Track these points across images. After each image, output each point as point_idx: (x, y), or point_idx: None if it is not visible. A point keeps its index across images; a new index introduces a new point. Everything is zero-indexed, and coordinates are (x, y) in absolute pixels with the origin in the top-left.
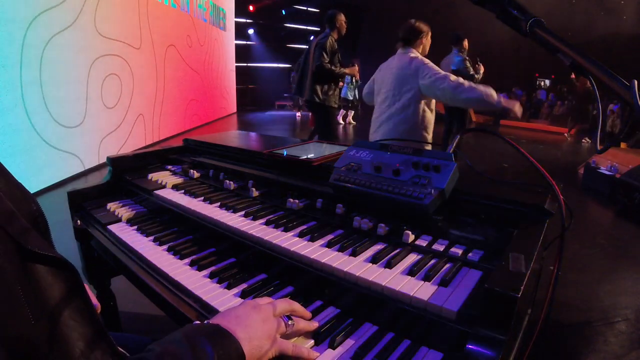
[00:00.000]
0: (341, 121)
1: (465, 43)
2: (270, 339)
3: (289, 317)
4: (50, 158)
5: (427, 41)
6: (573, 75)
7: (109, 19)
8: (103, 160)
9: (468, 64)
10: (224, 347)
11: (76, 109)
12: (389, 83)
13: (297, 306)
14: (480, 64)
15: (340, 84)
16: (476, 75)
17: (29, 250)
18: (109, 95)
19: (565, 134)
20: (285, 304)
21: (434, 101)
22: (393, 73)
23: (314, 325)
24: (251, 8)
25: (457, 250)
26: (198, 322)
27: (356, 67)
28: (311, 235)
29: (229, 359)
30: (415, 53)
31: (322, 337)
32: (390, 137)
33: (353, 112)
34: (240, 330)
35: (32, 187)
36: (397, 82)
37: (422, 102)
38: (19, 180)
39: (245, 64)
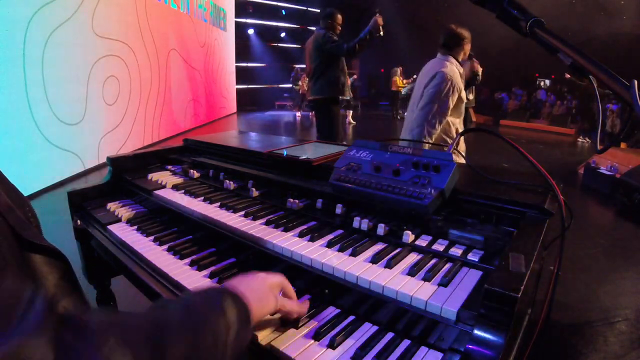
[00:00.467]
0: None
1: None
2: (272, 297)
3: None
4: (51, 156)
5: (468, 47)
6: (568, 75)
7: (107, 18)
8: (102, 160)
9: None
10: (236, 303)
11: (76, 108)
12: (417, 86)
13: (287, 285)
14: (477, 63)
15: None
16: (477, 77)
17: (27, 240)
18: (109, 95)
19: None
20: (279, 278)
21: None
22: (422, 76)
23: (303, 307)
24: (251, 8)
25: (457, 250)
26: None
27: (378, 18)
28: (311, 235)
29: (240, 313)
30: (449, 66)
31: (322, 337)
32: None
33: (352, 111)
34: (246, 290)
35: (37, 183)
36: (423, 85)
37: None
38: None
39: (245, 64)
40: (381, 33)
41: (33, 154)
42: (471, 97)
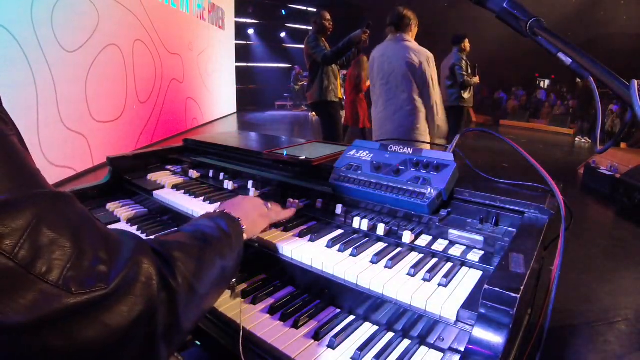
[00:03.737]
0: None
1: (466, 43)
2: (264, 217)
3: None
4: None
5: (415, 29)
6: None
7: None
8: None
9: (464, 64)
10: (234, 226)
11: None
12: (388, 74)
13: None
14: (478, 75)
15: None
16: (470, 79)
17: None
18: (105, 95)
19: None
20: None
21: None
22: (392, 64)
23: (289, 212)
24: (251, 8)
25: (457, 250)
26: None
27: (364, 34)
28: (311, 235)
29: (235, 231)
30: (414, 43)
31: (322, 337)
32: (396, 134)
33: (344, 111)
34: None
35: None
36: (401, 73)
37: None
38: None
39: (245, 64)
40: (365, 44)
41: None
42: (467, 95)
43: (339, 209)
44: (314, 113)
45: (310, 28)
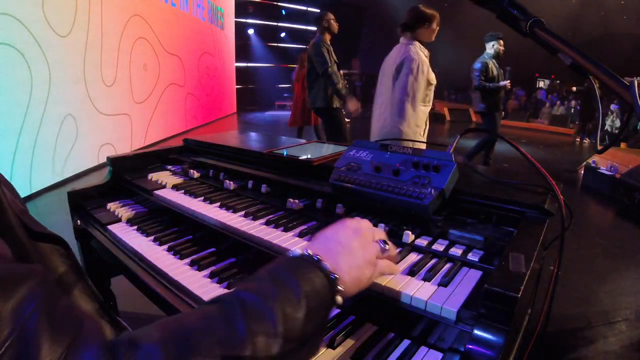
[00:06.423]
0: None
1: (499, 44)
2: (371, 265)
3: (384, 242)
4: None
5: (431, 29)
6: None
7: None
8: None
9: (489, 66)
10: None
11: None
12: (384, 76)
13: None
14: (508, 80)
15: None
16: (486, 84)
17: (37, 232)
18: (105, 97)
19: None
20: (381, 231)
21: (425, 97)
22: (388, 64)
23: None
24: (251, 8)
25: (457, 250)
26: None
27: (355, 102)
28: (311, 235)
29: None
30: (415, 45)
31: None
32: (384, 135)
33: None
34: (340, 262)
35: None
36: (390, 73)
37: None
38: None
39: (245, 64)
40: (357, 111)
41: None
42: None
43: (339, 209)
44: None
45: (310, 28)
